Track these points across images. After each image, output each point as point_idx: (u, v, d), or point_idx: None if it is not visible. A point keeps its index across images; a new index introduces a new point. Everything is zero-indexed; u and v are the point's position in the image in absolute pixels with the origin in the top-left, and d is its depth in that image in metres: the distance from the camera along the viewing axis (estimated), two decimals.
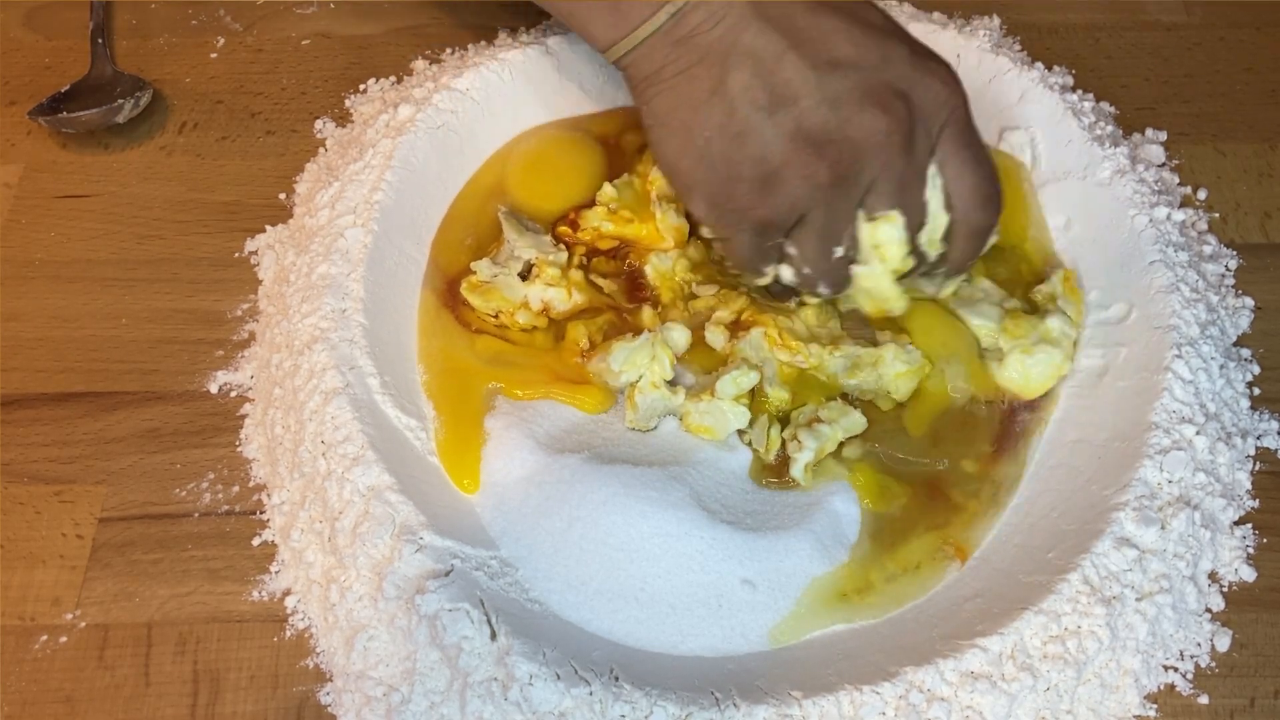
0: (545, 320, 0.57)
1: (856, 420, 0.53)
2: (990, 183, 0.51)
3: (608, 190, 0.60)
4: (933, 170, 0.50)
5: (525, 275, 0.58)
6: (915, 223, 0.51)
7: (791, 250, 0.51)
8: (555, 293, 0.57)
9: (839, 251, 0.51)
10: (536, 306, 0.57)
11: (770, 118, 0.48)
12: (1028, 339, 0.55)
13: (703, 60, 0.48)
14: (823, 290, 0.53)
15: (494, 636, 0.46)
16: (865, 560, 0.51)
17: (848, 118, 0.47)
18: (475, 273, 0.57)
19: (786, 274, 0.52)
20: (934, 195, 0.50)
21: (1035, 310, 0.57)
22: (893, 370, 0.54)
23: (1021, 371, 0.55)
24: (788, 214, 0.49)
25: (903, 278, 0.53)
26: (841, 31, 0.48)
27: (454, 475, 0.52)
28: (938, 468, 0.53)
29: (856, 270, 0.52)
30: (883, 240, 0.51)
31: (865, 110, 0.47)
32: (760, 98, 0.48)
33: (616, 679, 0.46)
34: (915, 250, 0.52)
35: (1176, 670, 0.49)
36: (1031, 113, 0.62)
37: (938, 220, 0.51)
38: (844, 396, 0.55)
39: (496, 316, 0.57)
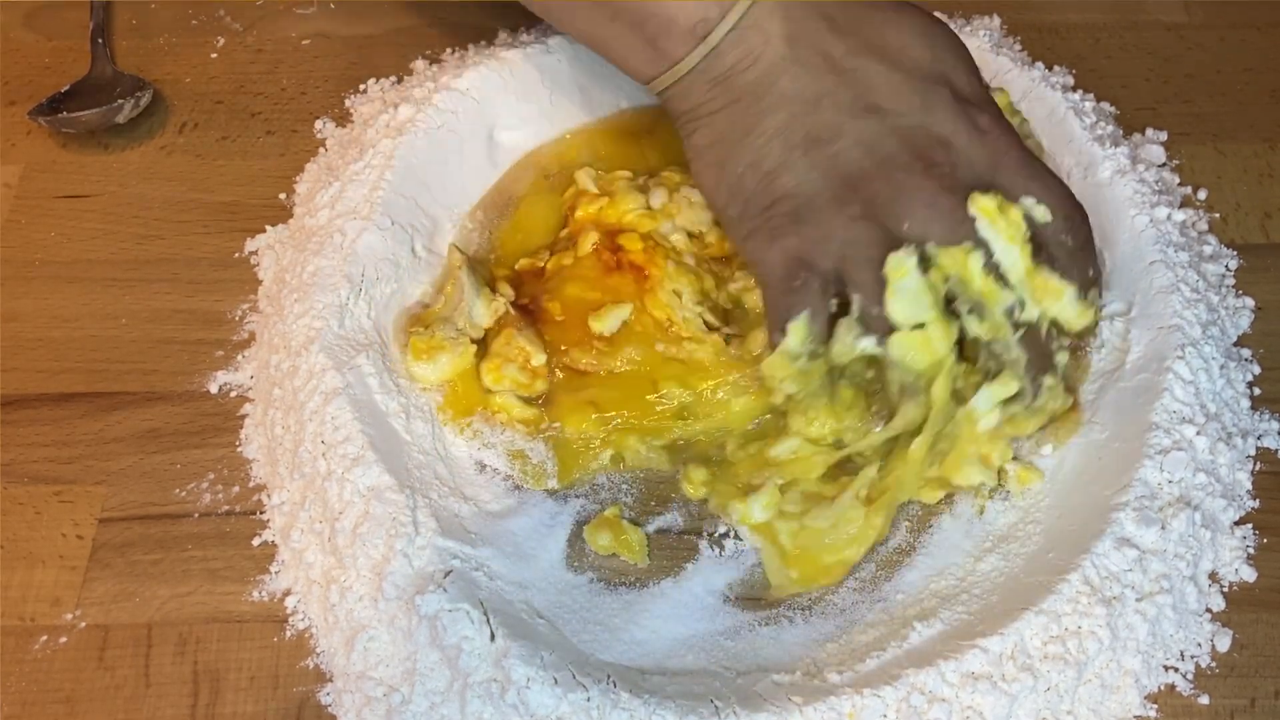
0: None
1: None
2: (1068, 198, 0.49)
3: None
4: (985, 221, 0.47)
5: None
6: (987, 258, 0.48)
7: (854, 295, 0.48)
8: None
9: None
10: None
11: (805, 155, 0.48)
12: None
13: (739, 100, 0.48)
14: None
15: (493, 638, 0.46)
16: None
17: (886, 157, 0.47)
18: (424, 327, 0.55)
19: (868, 343, 0.48)
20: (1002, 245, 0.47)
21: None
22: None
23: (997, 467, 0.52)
24: (819, 244, 0.48)
25: (1006, 403, 0.49)
26: (882, 76, 0.48)
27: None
28: None
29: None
30: (957, 269, 0.47)
31: (903, 152, 0.47)
32: (796, 139, 0.48)
33: (614, 685, 0.45)
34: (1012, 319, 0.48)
35: (1177, 670, 0.48)
36: (1032, 113, 0.62)
37: (1014, 264, 0.47)
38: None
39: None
